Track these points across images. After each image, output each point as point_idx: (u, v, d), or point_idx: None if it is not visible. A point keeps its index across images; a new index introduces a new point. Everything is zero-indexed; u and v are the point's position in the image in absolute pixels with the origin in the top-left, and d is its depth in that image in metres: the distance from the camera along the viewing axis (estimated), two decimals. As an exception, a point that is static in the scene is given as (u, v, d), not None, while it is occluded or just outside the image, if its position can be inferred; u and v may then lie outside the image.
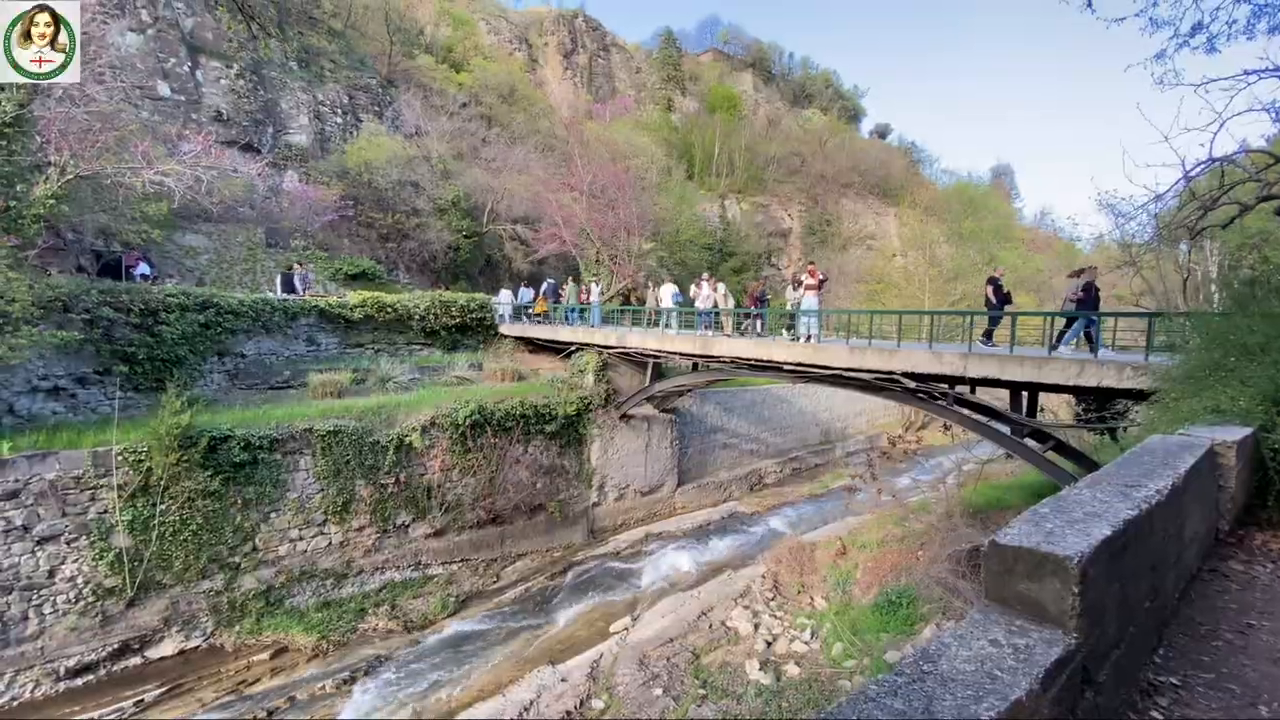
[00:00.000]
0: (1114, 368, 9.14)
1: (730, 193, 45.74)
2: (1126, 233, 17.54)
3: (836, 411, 30.73)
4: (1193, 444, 3.75)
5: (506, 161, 29.93)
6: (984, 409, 11.85)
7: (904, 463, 28.23)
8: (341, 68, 28.58)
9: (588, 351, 19.29)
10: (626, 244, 26.79)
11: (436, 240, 26.22)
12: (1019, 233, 56.09)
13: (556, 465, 17.78)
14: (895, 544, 15.84)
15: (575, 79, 48.81)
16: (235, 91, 23.36)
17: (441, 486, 15.17)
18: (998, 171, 70.99)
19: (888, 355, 11.76)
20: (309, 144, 25.72)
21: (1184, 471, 3.15)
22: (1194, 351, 6.35)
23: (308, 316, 17.90)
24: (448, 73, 36.35)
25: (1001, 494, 17.65)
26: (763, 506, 22.16)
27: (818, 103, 62.34)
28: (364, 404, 14.96)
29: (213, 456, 12.30)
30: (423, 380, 17.81)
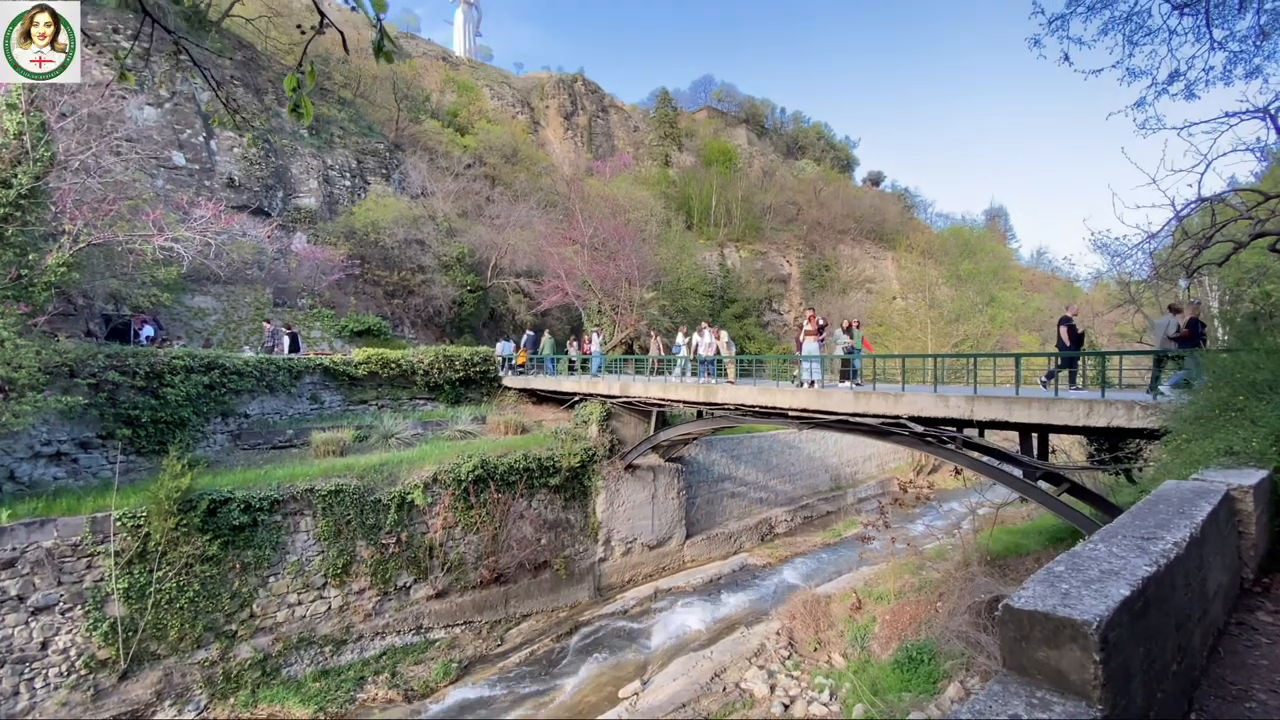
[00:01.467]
0: (1123, 407, 9.01)
1: (729, 241, 46.58)
2: (1123, 270, 17.70)
3: (845, 456, 30.30)
4: (1208, 489, 3.64)
5: (510, 218, 30.69)
6: (994, 452, 11.64)
7: (917, 508, 27.61)
8: (351, 134, 29.70)
9: (591, 402, 19.23)
10: (628, 294, 27.13)
11: (441, 295, 26.63)
12: (1016, 273, 56.61)
13: (561, 520, 17.45)
14: (913, 594, 15.31)
15: (576, 138, 50.58)
16: (248, 159, 24.23)
17: (444, 545, 14.85)
18: (991, 213, 72.35)
19: (893, 399, 11.66)
20: (318, 206, 26.47)
21: (1201, 521, 3.04)
22: (1202, 390, 6.27)
23: (312, 375, 18.00)
24: (453, 136, 37.75)
25: (1019, 539, 17.16)
26: (774, 558, 21.56)
27: (810, 154, 64.19)
28: (366, 462, 14.83)
29: (212, 520, 12.12)
30: (426, 435, 17.72)
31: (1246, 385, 5.36)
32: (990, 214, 72.11)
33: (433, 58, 47.45)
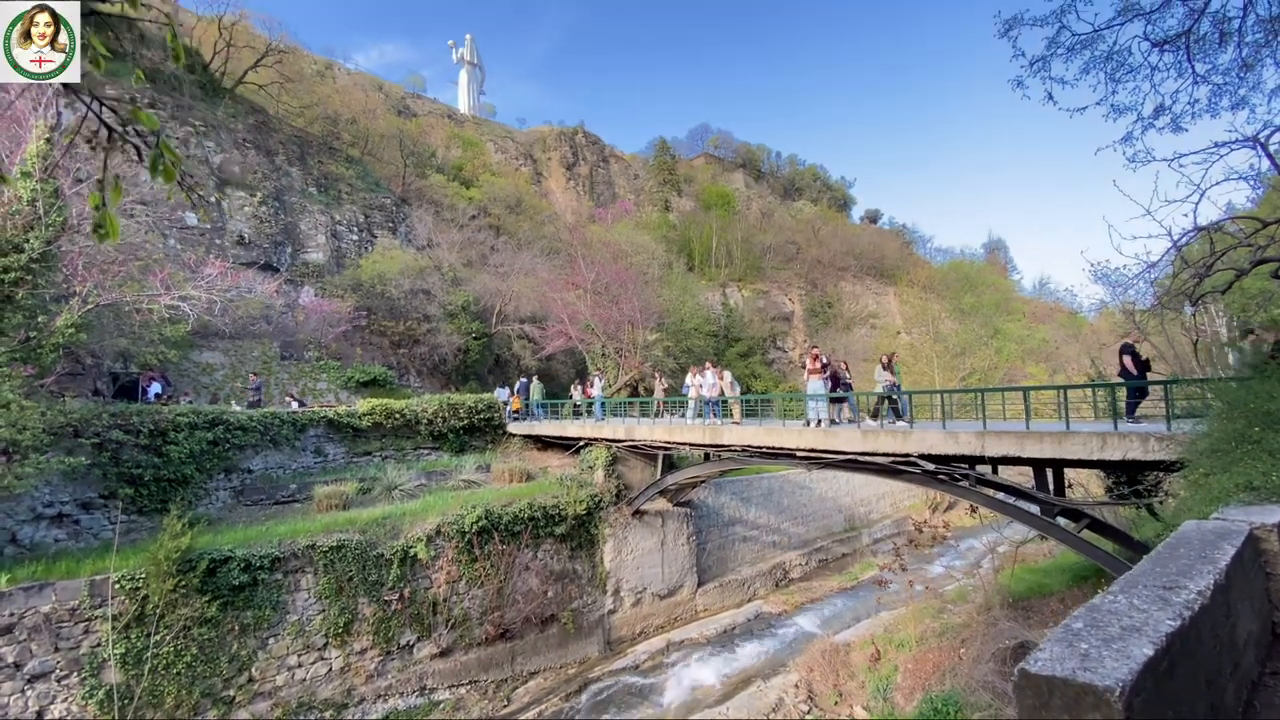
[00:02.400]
0: (1138, 439, 8.82)
1: (730, 281, 46.99)
2: (1126, 300, 17.58)
3: (859, 495, 29.70)
4: (1230, 530, 3.48)
5: (514, 266, 31.16)
6: (1009, 489, 11.35)
7: (934, 548, 26.85)
8: (358, 190, 30.52)
9: (596, 446, 19.04)
10: (631, 336, 27.22)
11: (446, 344, 26.81)
12: (1020, 305, 56.62)
13: (568, 570, 17.03)
14: (934, 640, 14.72)
15: (577, 188, 51.83)
16: (258, 217, 24.87)
17: (447, 600, 14.48)
18: (990, 246, 72.93)
19: (901, 437, 11.47)
20: (326, 260, 26.98)
21: (1225, 565, 2.89)
22: (1217, 421, 6.11)
23: (316, 427, 17.98)
24: (458, 189, 38.74)
25: (1042, 578, 16.60)
26: (790, 605, 20.89)
27: (807, 194, 65.36)
28: (369, 515, 14.63)
29: (211, 580, 11.89)
30: (430, 486, 17.52)
31: (1261, 416, 5.22)
32: (989, 247, 72.76)
33: (438, 116, 49.14)
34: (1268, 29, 6.87)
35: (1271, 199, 14.08)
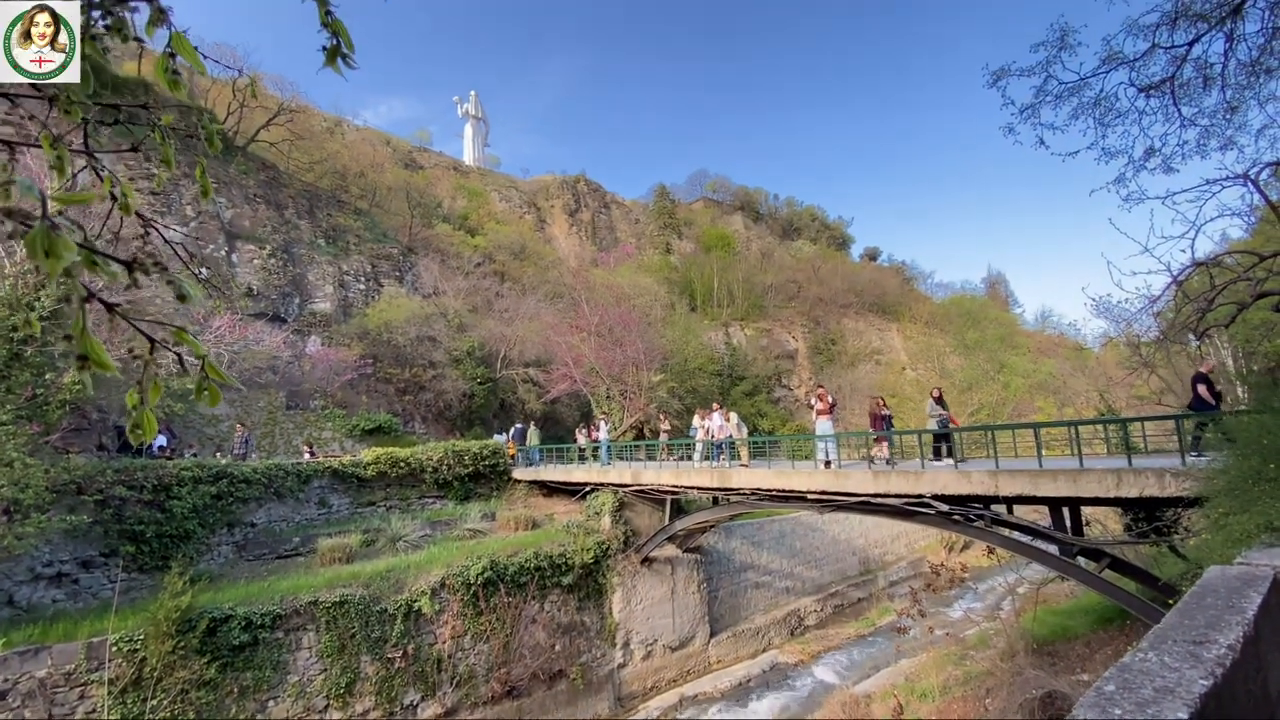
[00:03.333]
0: (1154, 475, 8.66)
1: (733, 320, 47.25)
2: (1131, 333, 17.61)
3: (872, 537, 29.07)
4: (1255, 575, 3.38)
5: (518, 311, 31.48)
6: (1026, 529, 11.10)
7: (952, 590, 26.09)
8: (366, 241, 31.17)
9: (603, 491, 18.79)
10: (636, 378, 27.24)
11: (452, 389, 26.86)
12: (1024, 339, 56.56)
13: (576, 622, 16.56)
14: (959, 689, 14.16)
15: (580, 233, 52.81)
16: (266, 269, 25.34)
17: (452, 656, 14.05)
18: (990, 280, 73.23)
19: (913, 478, 11.30)
20: (333, 310, 27.35)
21: (1253, 615, 2.79)
22: (1233, 458, 6.01)
23: (321, 478, 17.85)
24: (464, 237, 39.54)
25: (1065, 620, 16.07)
26: (806, 654, 20.18)
27: (806, 234, 66.30)
28: (373, 568, 14.36)
29: (211, 640, 11.62)
30: (434, 536, 17.24)
31: (1276, 452, 5.12)
32: (989, 281, 73.06)
33: (444, 168, 50.57)
34: (1249, 72, 7.06)
35: (1265, 231, 14.24)
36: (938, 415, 12.93)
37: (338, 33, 1.69)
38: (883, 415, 14.26)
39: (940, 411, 13.00)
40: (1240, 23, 6.90)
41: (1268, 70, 7.08)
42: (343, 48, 1.71)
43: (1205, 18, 7.01)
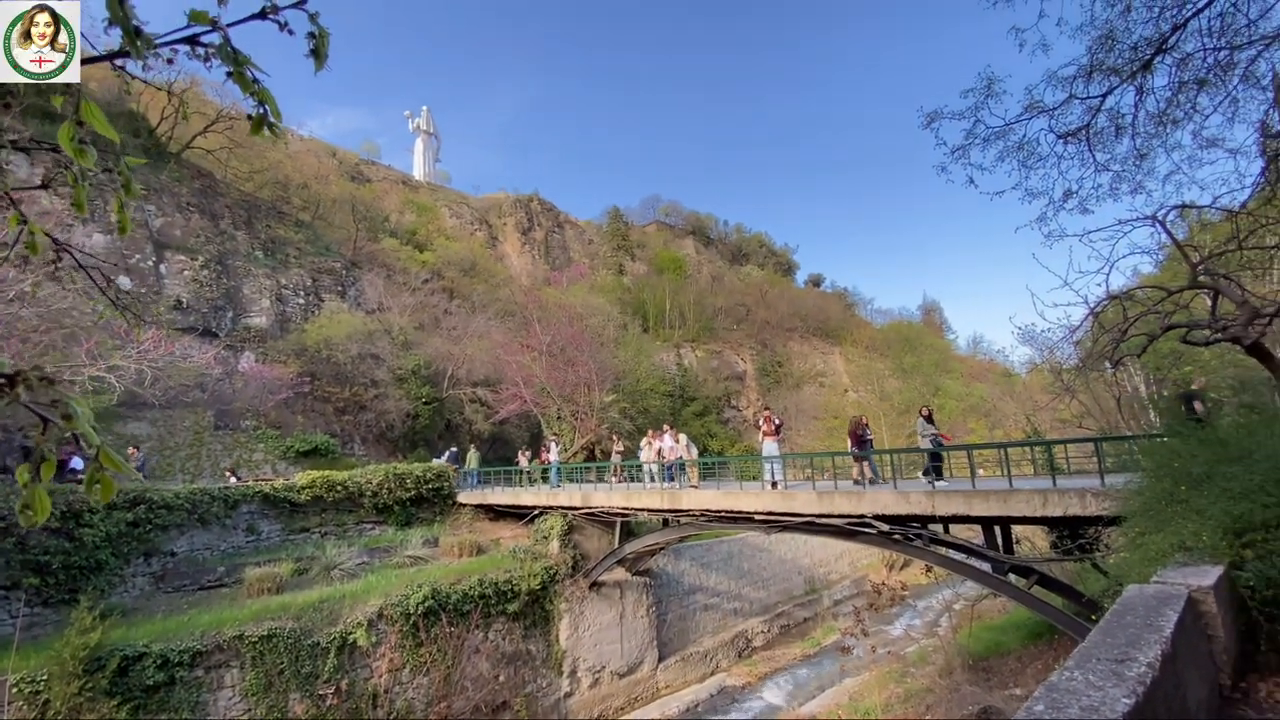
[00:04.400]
0: (1076, 496, 9.16)
1: (684, 342, 47.80)
2: (1054, 361, 18.78)
3: (818, 556, 29.59)
4: (1170, 594, 3.60)
5: (467, 329, 30.86)
6: (961, 547, 11.52)
7: (893, 608, 26.77)
8: (307, 254, 30.03)
9: (551, 515, 18.46)
10: (588, 398, 27.05)
11: (395, 409, 25.95)
12: (957, 363, 59.42)
13: (521, 651, 16.07)
14: (900, 707, 14.45)
15: (533, 252, 52.54)
16: (198, 281, 24.03)
17: (389, 691, 13.36)
18: (926, 307, 76.82)
19: (856, 498, 11.59)
20: (269, 325, 26.12)
21: (1170, 633, 2.97)
22: (1148, 480, 6.42)
23: (250, 503, 16.83)
24: (411, 253, 38.63)
25: (998, 636, 16.68)
26: (754, 676, 20.21)
27: (754, 260, 68.12)
28: (304, 599, 13.58)
29: (122, 680, 10.69)
30: (373, 564, 16.47)
31: (1186, 476, 5.51)
32: (925, 308, 76.60)
33: (392, 182, 49.52)
34: (1157, 123, 7.75)
35: (1172, 268, 15.51)
36: (930, 434, 12.49)
37: (265, 101, 1.67)
38: (864, 436, 13.67)
39: (932, 430, 12.56)
40: (1149, 77, 7.59)
41: (1174, 121, 7.80)
42: (269, 116, 1.71)
43: (1118, 71, 7.68)
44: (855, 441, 13.30)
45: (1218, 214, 9.76)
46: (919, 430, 12.98)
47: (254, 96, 1.65)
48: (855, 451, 12.89)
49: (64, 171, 1.68)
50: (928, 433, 12.53)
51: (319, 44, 1.67)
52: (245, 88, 1.62)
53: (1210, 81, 7.36)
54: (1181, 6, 7.04)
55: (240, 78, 1.61)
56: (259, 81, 1.64)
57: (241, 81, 1.62)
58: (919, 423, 13.07)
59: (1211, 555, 4.43)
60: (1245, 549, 4.32)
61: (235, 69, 1.60)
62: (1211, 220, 12.23)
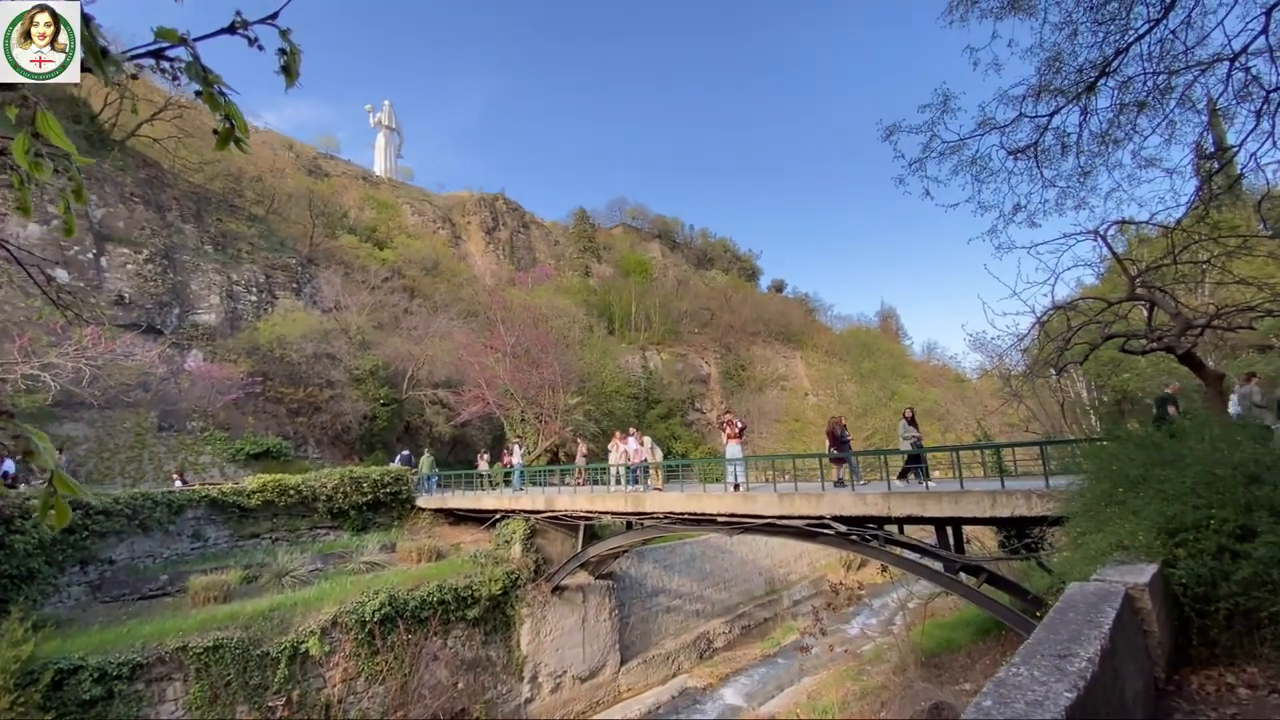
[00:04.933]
0: (1023, 497, 9.53)
1: (650, 345, 47.94)
2: (1003, 367, 19.57)
3: (778, 557, 30.02)
4: (1109, 591, 3.79)
5: (428, 329, 30.27)
6: (915, 547, 11.87)
7: (850, 607, 27.38)
8: (260, 249, 29.00)
9: (514, 519, 18.24)
10: (552, 400, 26.85)
11: (351, 411, 25.26)
12: (912, 369, 61.23)
13: (481, 658, 15.81)
14: (856, 704, 14.77)
15: (497, 252, 51.90)
16: (142, 276, 22.95)
17: (343, 701, 12.98)
18: (883, 314, 78.89)
19: (815, 500, 11.81)
20: (218, 322, 25.13)
21: (1109, 629, 3.12)
22: (1088, 482, 6.73)
23: (195, 508, 16.14)
24: (371, 250, 37.70)
25: (950, 633, 17.20)
26: (715, 677, 20.37)
27: (719, 264, 68.86)
28: (254, 608, 13.08)
29: (57, 694, 10.12)
30: (326, 571, 15.98)
31: (1123, 478, 5.79)
32: (882, 315, 78.66)
33: (352, 177, 48.24)
34: (1100, 142, 8.17)
35: (1113, 280, 16.35)
36: (911, 437, 12.37)
37: (232, 117, 1.65)
38: (843, 437, 13.41)
39: (914, 433, 12.43)
40: (1093, 98, 8.00)
41: (1115, 141, 8.25)
42: (236, 131, 1.71)
43: (1064, 92, 8.07)
44: (834, 442, 13.10)
45: (1155, 230, 10.35)
46: (901, 432, 12.88)
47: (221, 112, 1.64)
48: (834, 453, 12.74)
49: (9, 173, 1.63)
50: (909, 435, 12.43)
51: (290, 61, 1.66)
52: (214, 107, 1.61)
53: (1150, 104, 7.80)
54: (1124, 32, 7.44)
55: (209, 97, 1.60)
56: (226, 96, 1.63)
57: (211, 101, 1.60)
58: (901, 424, 12.99)
59: (1147, 554, 4.67)
60: (1178, 548, 4.57)
61: (205, 88, 1.58)
62: (1149, 235, 12.97)
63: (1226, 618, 4.24)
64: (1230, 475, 4.77)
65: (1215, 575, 4.28)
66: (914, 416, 12.79)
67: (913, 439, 12.33)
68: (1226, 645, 4.26)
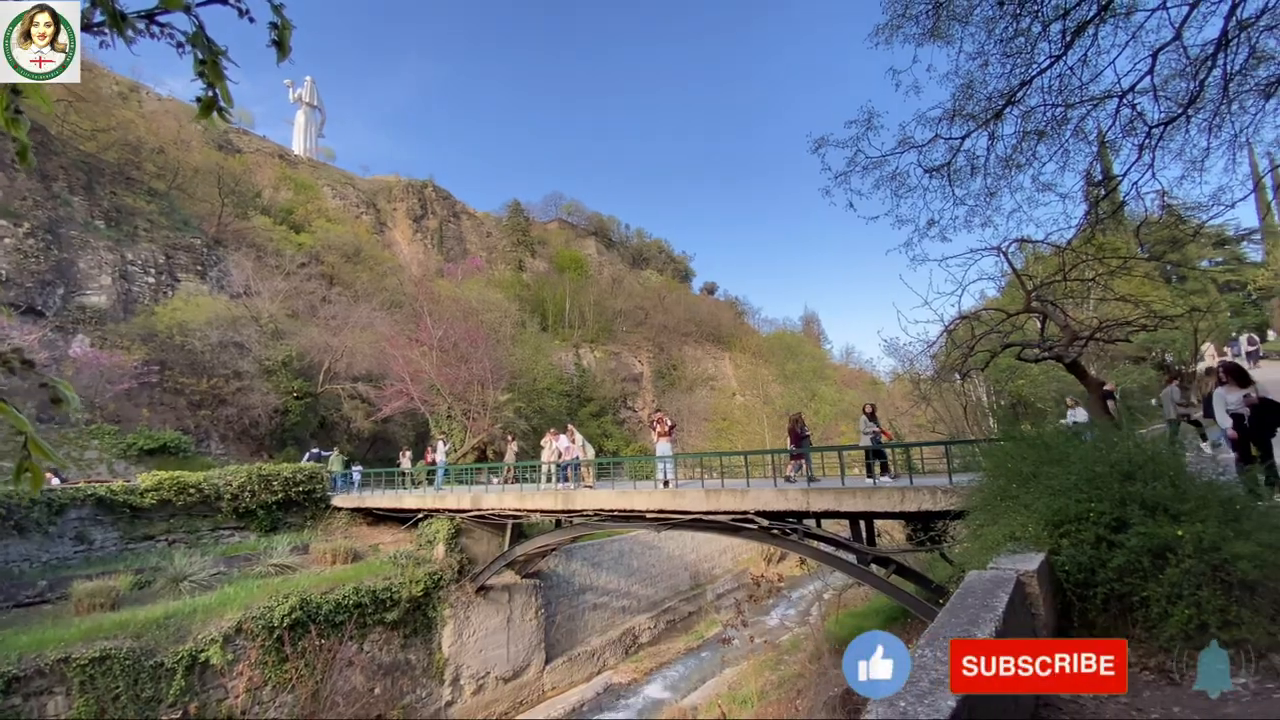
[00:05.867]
0: (929, 493, 10.22)
1: (584, 342, 47.76)
2: (914, 371, 20.90)
3: (703, 552, 30.71)
4: (1003, 578, 4.15)
5: (349, 319, 28.83)
6: (831, 540, 12.48)
7: (770, 599, 28.39)
8: (161, 227, 26.70)
9: (438, 518, 17.72)
10: (481, 397, 26.23)
11: (261, 404, 23.68)
12: (832, 371, 64.19)
13: (400, 661, 15.27)
14: (774, 693, 15.36)
15: (425, 241, 50.09)
16: (21, 251, 20.62)
17: (248, 712, 12.18)
18: (807, 319, 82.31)
19: (740, 495, 12.19)
20: (110, 305, 22.93)
21: (1002, 612, 3.43)
22: (986, 479, 7.31)
23: (80, 508, 14.69)
24: (287, 233, 35.47)
25: (861, 622, 18.17)
26: (640, 672, 20.60)
27: (654, 265, 69.55)
28: (147, 615, 12.05)
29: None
30: (231, 575, 14.94)
31: (1017, 475, 6.33)
32: (806, 319, 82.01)
33: (268, 155, 45.17)
34: (1005, 165, 8.89)
35: (1011, 293, 17.78)
36: (871, 432, 12.14)
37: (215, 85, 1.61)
38: (803, 434, 13.43)
39: (873, 428, 12.22)
40: (1000, 125, 8.70)
41: (1018, 165, 9.00)
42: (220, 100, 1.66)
43: (975, 118, 8.73)
44: (794, 439, 13.14)
45: (1049, 248, 11.37)
46: (861, 428, 12.77)
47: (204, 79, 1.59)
48: (794, 449, 12.91)
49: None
50: (869, 430, 12.21)
51: (281, 34, 1.63)
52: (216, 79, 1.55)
53: (1048, 133, 8.56)
54: (1029, 66, 8.12)
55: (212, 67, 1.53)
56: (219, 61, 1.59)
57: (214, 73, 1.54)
58: (862, 420, 12.83)
59: (1036, 544, 5.13)
60: (1062, 539, 5.04)
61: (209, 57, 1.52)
62: (1044, 254, 14.21)
63: (1103, 601, 4.71)
64: (1108, 472, 5.30)
65: (1094, 563, 4.74)
66: (874, 411, 12.57)
67: (873, 434, 12.10)
68: (1103, 626, 4.75)
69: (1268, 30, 6.87)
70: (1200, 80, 7.20)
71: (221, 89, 1.63)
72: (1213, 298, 37.31)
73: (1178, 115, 7.53)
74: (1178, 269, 32.57)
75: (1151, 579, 4.46)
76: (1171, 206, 9.24)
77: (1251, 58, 7.05)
